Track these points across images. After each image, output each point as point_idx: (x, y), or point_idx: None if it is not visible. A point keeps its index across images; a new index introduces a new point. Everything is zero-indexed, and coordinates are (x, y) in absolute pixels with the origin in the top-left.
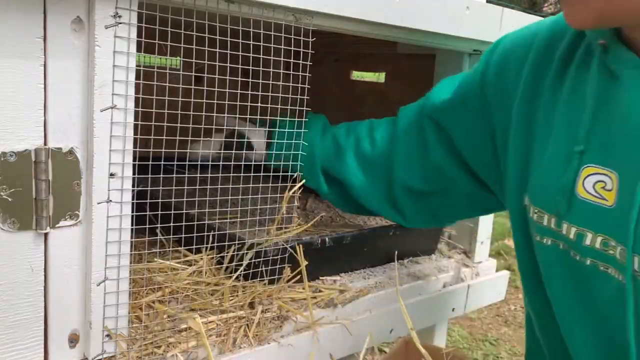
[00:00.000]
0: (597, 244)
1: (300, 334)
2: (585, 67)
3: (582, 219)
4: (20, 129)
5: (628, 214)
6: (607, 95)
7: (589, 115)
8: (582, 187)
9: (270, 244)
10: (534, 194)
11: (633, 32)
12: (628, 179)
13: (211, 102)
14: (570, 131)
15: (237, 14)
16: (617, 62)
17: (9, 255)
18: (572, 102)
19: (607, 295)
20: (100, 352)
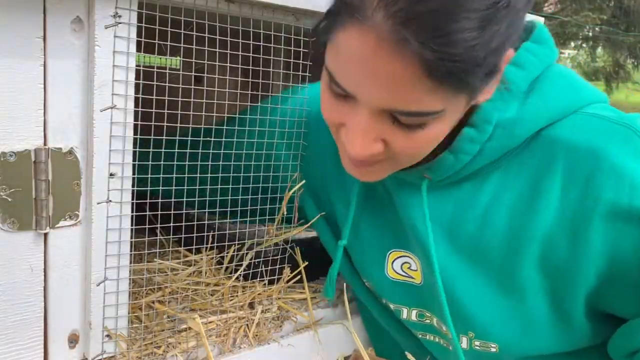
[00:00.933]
0: (413, 317)
1: (300, 334)
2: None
3: (396, 297)
4: (20, 129)
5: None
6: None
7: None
8: (392, 268)
9: (270, 244)
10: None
11: None
12: (422, 261)
13: (211, 102)
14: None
15: (237, 14)
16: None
17: (9, 255)
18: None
19: (436, 354)
20: (100, 352)
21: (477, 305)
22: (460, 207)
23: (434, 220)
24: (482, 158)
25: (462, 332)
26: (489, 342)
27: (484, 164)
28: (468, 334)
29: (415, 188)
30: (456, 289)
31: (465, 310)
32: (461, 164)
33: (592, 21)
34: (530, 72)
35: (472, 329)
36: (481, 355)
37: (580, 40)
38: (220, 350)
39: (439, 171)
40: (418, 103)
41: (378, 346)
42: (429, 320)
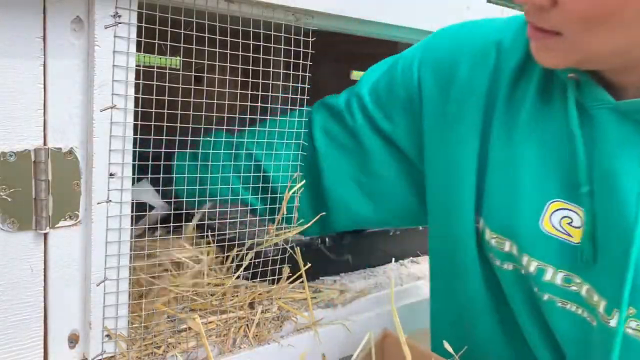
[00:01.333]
0: (557, 280)
1: (300, 334)
2: (546, 98)
3: (544, 254)
4: (20, 129)
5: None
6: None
7: (582, 155)
8: (549, 221)
9: (271, 244)
10: (493, 220)
11: (606, 73)
12: (598, 220)
13: (211, 102)
14: (546, 165)
15: (237, 14)
16: (591, 101)
17: (9, 256)
18: (534, 137)
19: (565, 328)
20: (100, 352)
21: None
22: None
23: (638, 162)
24: None
25: (616, 305)
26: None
27: None
28: (628, 309)
29: (633, 121)
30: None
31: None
32: None
33: None
34: None
35: (637, 304)
36: (630, 342)
37: None
38: (220, 350)
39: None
40: None
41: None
42: (576, 288)
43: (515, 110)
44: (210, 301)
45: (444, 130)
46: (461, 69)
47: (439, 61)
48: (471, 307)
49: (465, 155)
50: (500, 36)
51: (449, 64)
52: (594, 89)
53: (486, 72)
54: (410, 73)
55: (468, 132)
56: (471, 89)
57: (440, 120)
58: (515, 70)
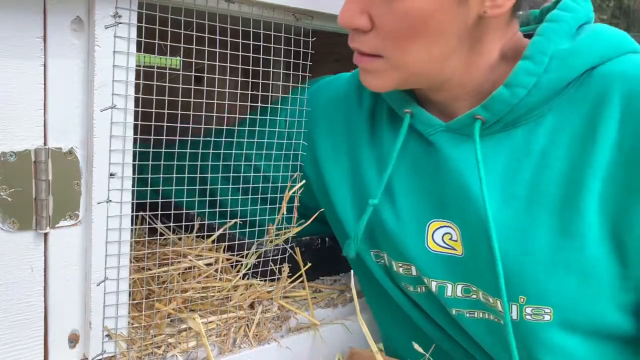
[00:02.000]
0: (458, 293)
1: (300, 334)
2: (394, 130)
3: (439, 272)
4: (20, 129)
5: (477, 260)
6: (428, 159)
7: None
8: (432, 240)
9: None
10: (392, 251)
11: (430, 94)
12: (469, 228)
13: (211, 102)
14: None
15: (237, 14)
16: (426, 127)
17: (9, 255)
18: (404, 165)
19: (481, 334)
20: (100, 352)
21: (531, 260)
22: (514, 155)
23: (485, 171)
24: (539, 92)
25: (512, 300)
26: (542, 306)
27: (539, 100)
28: (519, 299)
29: (465, 137)
30: (508, 243)
31: (518, 268)
32: (517, 98)
33: None
34: (578, 15)
35: (525, 292)
36: (533, 327)
37: None
38: (220, 350)
39: (493, 108)
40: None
41: (388, 344)
42: (475, 295)
43: (378, 147)
44: (210, 301)
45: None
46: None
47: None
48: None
49: (340, 203)
50: (346, 90)
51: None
52: (425, 117)
53: (342, 123)
54: None
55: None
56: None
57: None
58: (367, 115)
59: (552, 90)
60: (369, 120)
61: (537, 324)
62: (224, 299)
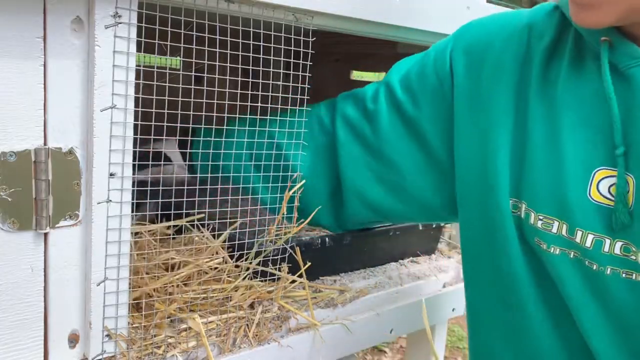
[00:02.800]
0: (616, 250)
1: (300, 334)
2: (580, 70)
3: (599, 225)
4: (20, 129)
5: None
6: (617, 96)
7: (617, 116)
8: (597, 190)
9: (271, 245)
10: (539, 200)
11: (636, 29)
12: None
13: (211, 102)
14: (587, 134)
15: (237, 14)
16: (626, 59)
17: (9, 256)
18: (578, 106)
19: (632, 303)
20: (100, 352)
21: None
22: None
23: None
24: None
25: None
26: None
27: None
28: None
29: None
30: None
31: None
32: None
33: None
34: None
35: None
36: None
37: None
38: (220, 350)
39: None
40: None
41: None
42: (634, 257)
43: (551, 88)
44: (210, 301)
45: (475, 113)
46: (493, 51)
47: (471, 45)
48: (517, 302)
49: (498, 137)
50: (531, 20)
51: (481, 48)
52: (628, 47)
53: (518, 53)
54: (442, 59)
55: (500, 113)
56: (503, 70)
57: (471, 103)
58: (547, 49)
59: None
60: (547, 55)
61: None
62: (224, 299)
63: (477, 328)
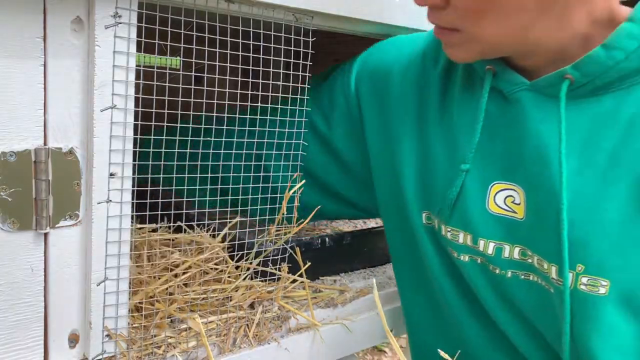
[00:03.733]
0: (515, 255)
1: (300, 334)
2: (470, 90)
3: (498, 233)
4: (20, 129)
5: (540, 226)
6: (504, 119)
7: (477, 137)
8: (494, 202)
9: (271, 244)
10: (443, 214)
11: (515, 60)
12: (534, 194)
13: (211, 102)
14: (482, 153)
15: (237, 14)
16: (509, 86)
17: (9, 255)
18: (465, 127)
19: (533, 301)
20: (100, 352)
21: (597, 230)
22: (598, 122)
23: (568, 134)
24: (638, 58)
25: (570, 267)
26: (600, 277)
27: (638, 66)
28: (577, 267)
29: (549, 98)
30: (577, 211)
31: (582, 236)
32: (613, 61)
33: None
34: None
35: (585, 261)
36: (584, 298)
37: None
38: (220, 350)
39: (585, 68)
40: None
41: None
42: (530, 260)
43: (448, 111)
44: (210, 301)
45: (384, 136)
46: (394, 77)
47: (375, 74)
48: (443, 300)
49: (404, 158)
50: (425, 46)
51: (383, 76)
52: (509, 74)
53: (416, 80)
54: (348, 85)
55: (405, 136)
56: (404, 96)
57: (380, 127)
58: (441, 75)
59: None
60: (442, 80)
61: (590, 295)
62: (224, 299)
63: (413, 325)
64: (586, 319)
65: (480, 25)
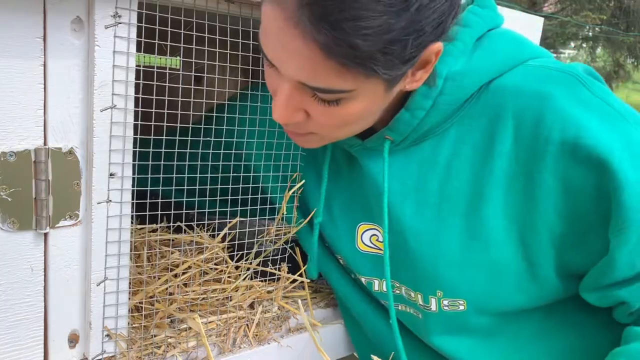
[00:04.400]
0: (384, 288)
1: (300, 334)
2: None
3: (367, 269)
4: (20, 129)
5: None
6: (355, 169)
7: (324, 193)
8: (361, 241)
9: (272, 244)
10: (333, 248)
11: None
12: (390, 232)
13: (211, 102)
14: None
15: (237, 14)
16: (349, 146)
17: (9, 255)
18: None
19: (409, 325)
20: (100, 352)
21: (444, 260)
22: (423, 166)
23: (400, 182)
24: (437, 112)
25: (430, 293)
26: (457, 299)
27: (439, 119)
28: (437, 293)
29: (379, 153)
30: (423, 247)
31: (432, 268)
32: (417, 119)
33: (592, 21)
34: (475, 30)
35: (440, 287)
36: (451, 316)
37: (580, 40)
38: (220, 350)
39: (397, 129)
40: (326, 80)
41: (360, 350)
42: (399, 290)
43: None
44: (210, 302)
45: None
46: None
47: None
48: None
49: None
50: None
51: None
52: (348, 139)
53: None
54: None
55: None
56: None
57: None
58: None
59: (450, 109)
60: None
61: (454, 313)
62: (224, 299)
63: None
64: (455, 329)
65: (337, 133)
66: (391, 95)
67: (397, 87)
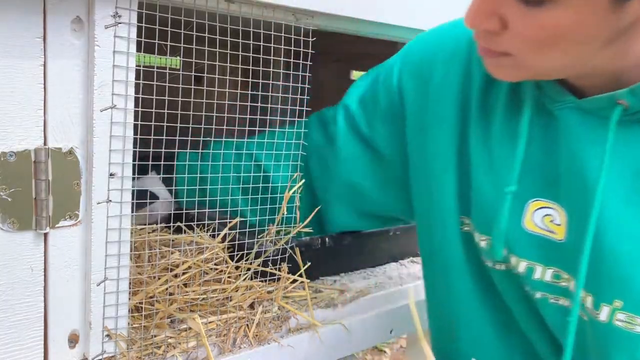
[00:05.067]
0: (547, 277)
1: (300, 334)
2: (516, 102)
3: (531, 253)
4: (20, 129)
5: (580, 249)
6: (547, 133)
7: (522, 155)
8: (531, 220)
9: (272, 245)
10: (480, 222)
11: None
12: (576, 214)
13: (211, 102)
14: (506, 169)
15: (237, 14)
16: (553, 102)
17: (9, 255)
18: (506, 138)
19: (560, 323)
20: (100, 352)
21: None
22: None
23: (617, 161)
24: None
25: (606, 301)
26: (639, 316)
27: None
28: (614, 302)
29: (597, 119)
30: (623, 244)
31: (624, 270)
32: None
33: None
34: None
35: (623, 296)
36: (619, 335)
37: None
38: (220, 350)
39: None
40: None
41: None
42: (565, 283)
43: (489, 114)
44: (210, 302)
45: (424, 133)
46: (437, 71)
47: (417, 65)
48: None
49: (444, 157)
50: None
51: (426, 68)
52: (555, 91)
53: (459, 75)
54: (390, 81)
55: (445, 134)
56: (446, 91)
57: (420, 123)
58: (485, 76)
59: None
60: (487, 78)
61: (625, 332)
62: (224, 299)
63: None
64: (617, 356)
65: (538, 54)
66: (619, 24)
67: (629, 12)
